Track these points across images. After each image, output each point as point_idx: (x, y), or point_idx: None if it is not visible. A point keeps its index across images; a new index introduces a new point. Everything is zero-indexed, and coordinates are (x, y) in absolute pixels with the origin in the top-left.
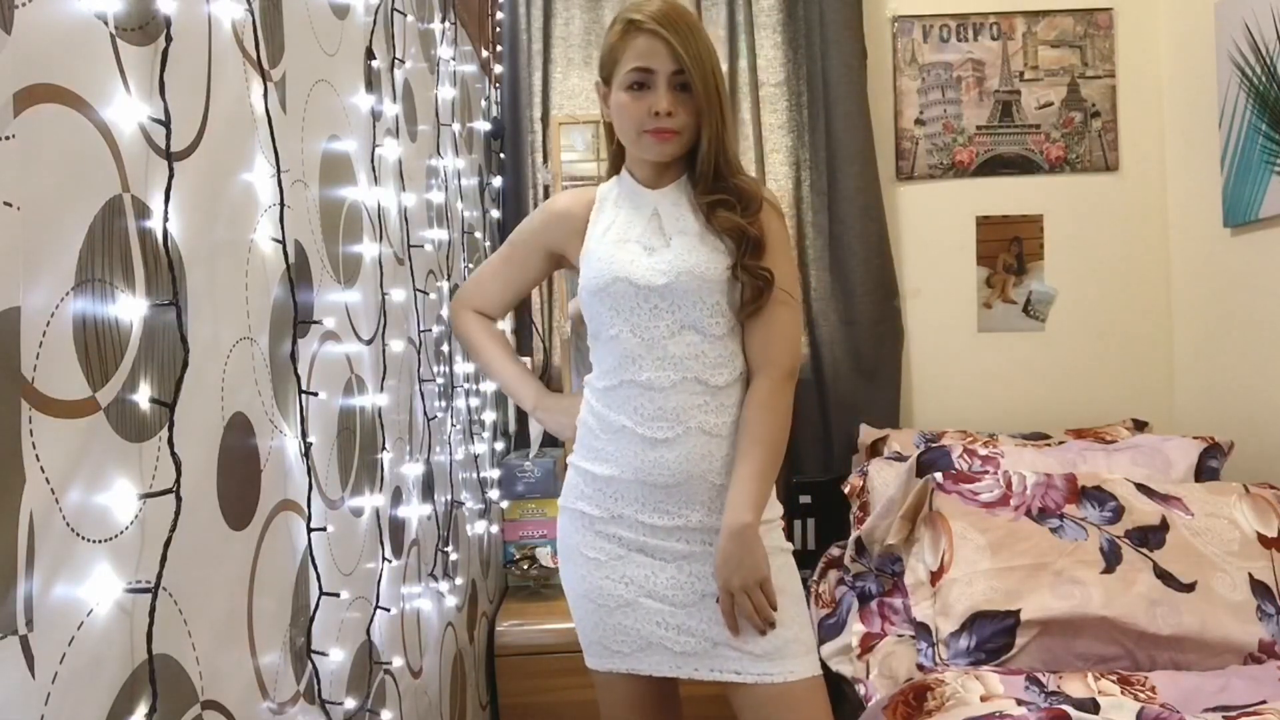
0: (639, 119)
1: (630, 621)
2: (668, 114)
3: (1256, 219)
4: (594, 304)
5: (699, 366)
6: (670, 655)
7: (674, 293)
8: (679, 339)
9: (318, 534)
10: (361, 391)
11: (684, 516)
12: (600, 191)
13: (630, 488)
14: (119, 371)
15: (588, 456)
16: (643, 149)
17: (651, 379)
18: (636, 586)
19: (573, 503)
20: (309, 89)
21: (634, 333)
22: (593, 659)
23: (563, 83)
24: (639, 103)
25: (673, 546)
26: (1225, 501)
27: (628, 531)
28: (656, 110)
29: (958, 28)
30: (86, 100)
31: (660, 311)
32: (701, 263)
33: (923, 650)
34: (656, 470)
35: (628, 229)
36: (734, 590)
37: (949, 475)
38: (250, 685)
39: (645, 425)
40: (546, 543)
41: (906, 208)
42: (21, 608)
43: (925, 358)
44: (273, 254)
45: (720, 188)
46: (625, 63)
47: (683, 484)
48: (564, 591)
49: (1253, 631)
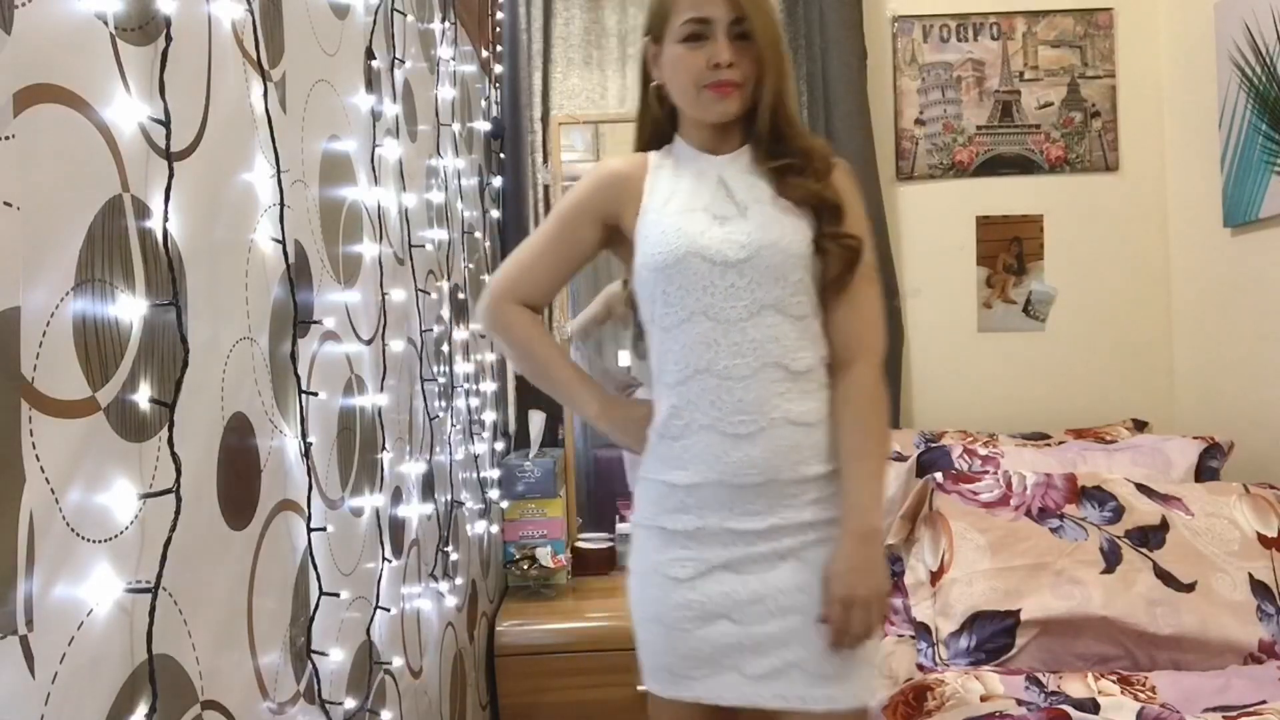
0: (697, 73)
1: (705, 644)
2: (728, 65)
3: (1256, 219)
4: (659, 284)
5: (779, 350)
6: (741, 680)
7: (754, 269)
8: (758, 321)
9: (318, 534)
10: (361, 391)
11: (778, 514)
12: (651, 159)
13: (715, 492)
14: (119, 371)
15: (662, 466)
16: (702, 107)
17: (729, 367)
18: (715, 605)
19: (653, 519)
20: (309, 89)
21: (708, 315)
22: (658, 684)
23: (563, 83)
24: (696, 55)
25: (765, 551)
26: (1225, 501)
27: (714, 545)
28: (716, 62)
29: (958, 28)
30: (86, 100)
31: (738, 291)
32: (786, 234)
33: (923, 650)
34: (742, 469)
35: (692, 198)
36: (857, 601)
37: (949, 475)
38: (250, 685)
39: (726, 421)
40: (546, 543)
41: (906, 208)
42: (21, 608)
43: (925, 358)
44: (273, 254)
45: (785, 150)
46: (679, 14)
47: (771, 481)
48: (632, 614)
49: (1253, 631)
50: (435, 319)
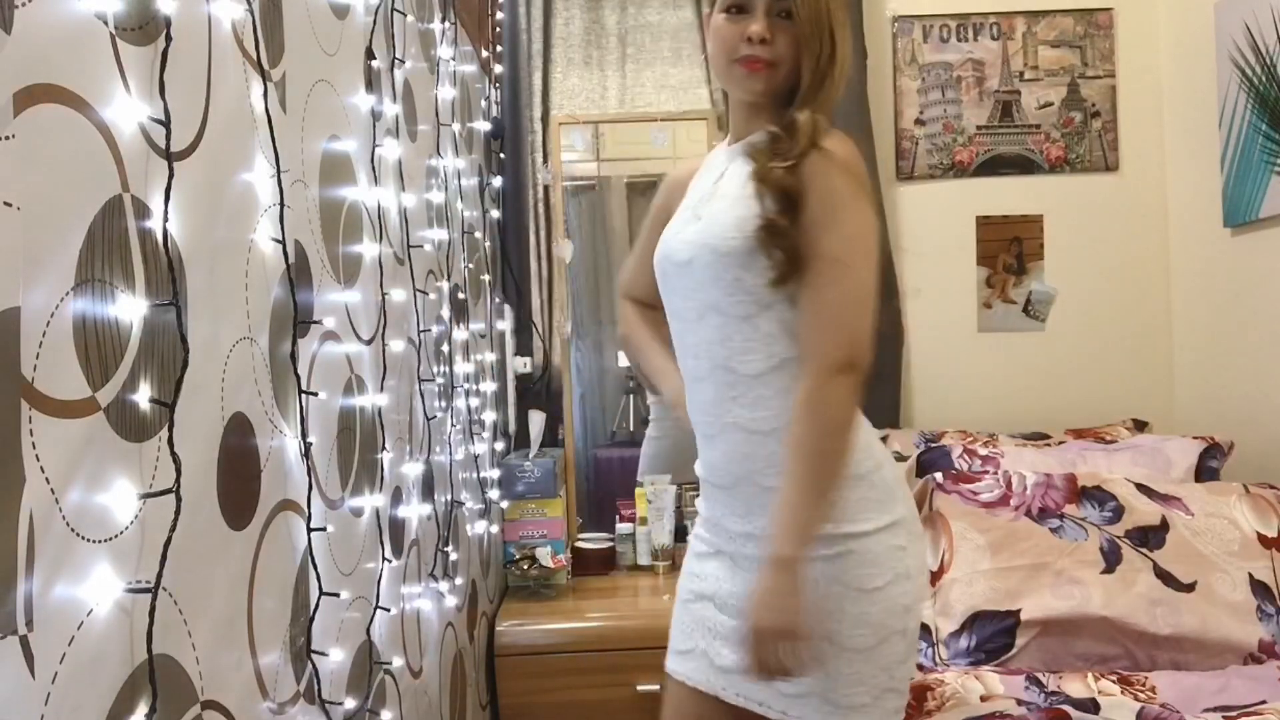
0: (731, 46)
1: (691, 620)
2: (761, 41)
3: (1256, 219)
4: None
5: (725, 352)
6: (709, 666)
7: (696, 270)
8: (705, 322)
9: (318, 534)
10: (361, 391)
11: (753, 521)
12: (709, 155)
13: (706, 488)
14: (119, 371)
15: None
16: (732, 82)
17: (689, 368)
18: (708, 587)
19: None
20: (309, 89)
21: (675, 317)
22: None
23: (563, 83)
24: (733, 27)
25: (749, 553)
26: (1225, 501)
27: (720, 534)
28: (749, 36)
29: (958, 28)
30: (86, 100)
31: (689, 292)
32: (719, 232)
33: (923, 650)
34: (713, 471)
35: (693, 194)
36: (758, 634)
37: (949, 475)
38: (250, 685)
39: (697, 420)
40: (546, 543)
41: (906, 208)
42: (21, 608)
43: (925, 358)
44: (273, 254)
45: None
46: None
47: (736, 486)
48: None
49: (1253, 631)
50: (435, 319)
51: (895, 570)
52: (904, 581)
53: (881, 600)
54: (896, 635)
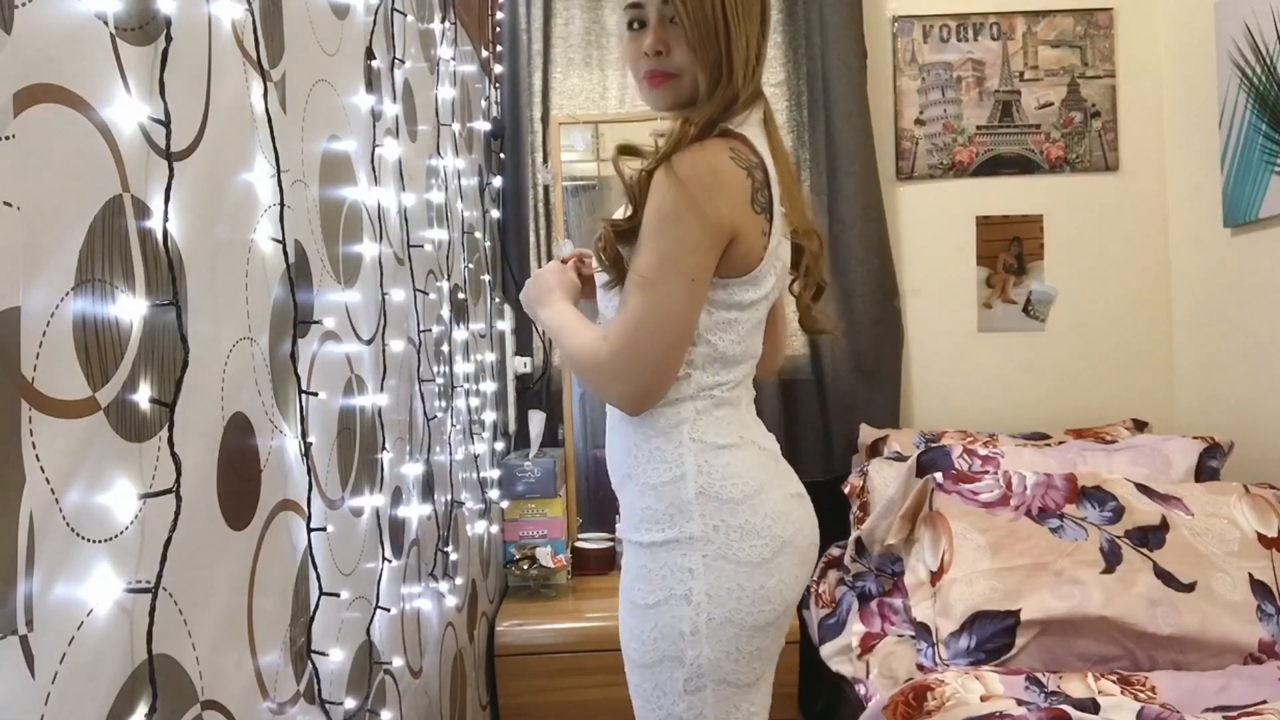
0: (635, 62)
1: None
2: (656, 53)
3: (1256, 219)
4: None
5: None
6: None
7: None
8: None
9: (318, 534)
10: (361, 391)
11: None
12: None
13: None
14: (119, 371)
15: None
16: (643, 98)
17: None
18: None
19: None
20: (309, 89)
21: None
22: None
23: (563, 83)
24: (635, 43)
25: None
26: (1225, 501)
27: None
28: (645, 50)
29: (958, 28)
30: (86, 100)
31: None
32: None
33: (923, 650)
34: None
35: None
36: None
37: (949, 475)
38: (250, 685)
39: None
40: (546, 543)
41: (906, 208)
42: (21, 608)
43: (925, 358)
44: (273, 254)
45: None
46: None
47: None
48: None
49: (1253, 631)
50: (435, 319)
51: (672, 590)
52: (680, 605)
53: (653, 619)
54: (671, 662)
